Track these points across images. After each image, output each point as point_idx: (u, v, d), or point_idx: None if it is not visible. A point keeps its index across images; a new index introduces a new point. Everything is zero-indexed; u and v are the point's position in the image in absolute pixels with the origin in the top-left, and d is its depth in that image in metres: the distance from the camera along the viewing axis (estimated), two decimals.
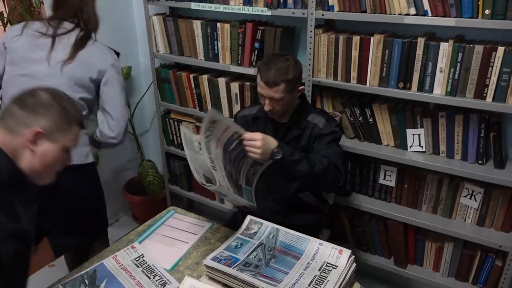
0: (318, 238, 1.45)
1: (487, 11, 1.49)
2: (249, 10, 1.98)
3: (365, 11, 1.73)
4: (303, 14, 1.84)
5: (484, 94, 1.60)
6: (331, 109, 2.02)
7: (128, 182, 2.93)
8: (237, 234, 1.49)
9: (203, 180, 1.46)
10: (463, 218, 1.87)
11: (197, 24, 2.19)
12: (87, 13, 1.72)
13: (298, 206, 1.80)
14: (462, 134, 1.74)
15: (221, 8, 2.06)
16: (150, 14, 2.36)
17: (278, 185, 1.75)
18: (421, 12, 1.62)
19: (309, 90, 1.95)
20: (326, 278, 1.27)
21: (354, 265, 1.36)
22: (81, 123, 1.18)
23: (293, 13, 1.87)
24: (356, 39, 1.78)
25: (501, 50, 1.52)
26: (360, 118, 1.94)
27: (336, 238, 2.19)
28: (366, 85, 1.83)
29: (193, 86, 2.36)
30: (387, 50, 1.73)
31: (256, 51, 2.07)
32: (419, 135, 1.84)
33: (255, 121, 1.78)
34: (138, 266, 1.43)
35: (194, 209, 3.02)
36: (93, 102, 1.75)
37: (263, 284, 1.23)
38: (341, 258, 1.35)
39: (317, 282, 1.26)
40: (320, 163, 1.54)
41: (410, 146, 1.87)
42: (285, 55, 1.61)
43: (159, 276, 1.38)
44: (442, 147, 1.81)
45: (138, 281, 1.36)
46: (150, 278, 1.37)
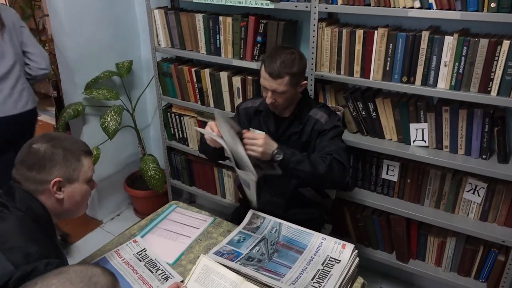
0: (320, 232, 1.45)
1: (493, 4, 1.47)
2: (251, 3, 1.96)
3: (369, 4, 1.71)
4: (306, 7, 1.82)
5: (488, 88, 1.59)
6: (334, 103, 2.01)
7: (129, 177, 2.92)
8: (239, 228, 1.49)
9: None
10: (466, 213, 1.86)
11: (199, 17, 2.17)
12: None
13: (300, 200, 1.79)
14: (466, 129, 1.72)
15: (223, 1, 2.04)
16: (152, 7, 2.34)
17: (279, 179, 1.74)
18: (425, 5, 1.60)
19: (311, 84, 1.94)
20: (329, 272, 1.27)
21: (357, 259, 1.35)
22: (87, 151, 1.23)
23: (296, 6, 1.85)
24: (359, 33, 1.77)
25: (506, 43, 1.51)
26: (363, 113, 1.93)
27: (338, 233, 2.18)
28: (369, 79, 1.81)
29: (195, 80, 2.35)
30: (391, 44, 1.71)
31: (258, 45, 2.05)
32: (423, 130, 1.83)
33: (257, 114, 1.77)
34: (140, 260, 1.43)
35: (196, 203, 3.02)
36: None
37: (266, 278, 1.22)
38: (344, 252, 1.35)
39: (320, 276, 1.25)
40: (322, 162, 1.52)
41: (413, 141, 1.86)
42: (290, 48, 1.60)
43: (162, 270, 1.38)
44: (446, 142, 1.80)
45: (141, 275, 1.36)
46: (152, 272, 1.37)
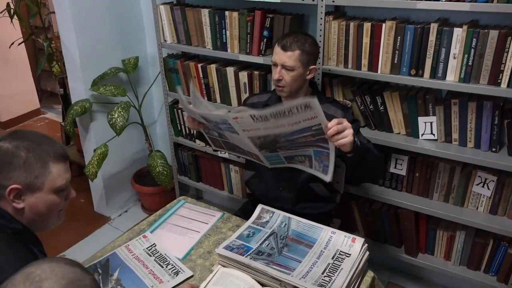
0: (328, 227, 1.44)
1: None
2: None
3: None
4: (313, 1, 1.81)
5: (498, 80, 1.57)
6: (342, 97, 2.00)
7: (136, 173, 2.93)
8: (248, 223, 1.49)
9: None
10: (476, 206, 1.85)
11: (204, 12, 2.17)
12: None
13: (309, 195, 1.79)
14: (475, 122, 1.71)
15: None
16: (157, 3, 2.34)
17: (288, 174, 1.74)
18: None
19: (319, 78, 1.93)
20: (340, 266, 1.26)
21: (367, 253, 1.35)
22: (58, 156, 1.03)
23: (302, 0, 1.84)
24: (367, 26, 1.75)
25: None
26: (370, 106, 1.92)
27: (346, 227, 2.18)
28: (377, 72, 1.80)
29: (201, 75, 2.34)
30: (399, 37, 1.70)
31: (265, 40, 2.04)
32: (431, 123, 1.82)
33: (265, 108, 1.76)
34: (150, 255, 1.43)
35: (203, 199, 3.02)
36: None
37: (277, 272, 1.22)
38: (354, 246, 1.34)
39: (330, 270, 1.25)
40: (377, 154, 1.54)
41: (422, 134, 1.85)
42: (306, 33, 1.64)
43: (172, 265, 1.39)
44: (455, 135, 1.79)
45: (151, 270, 1.36)
46: (162, 267, 1.38)
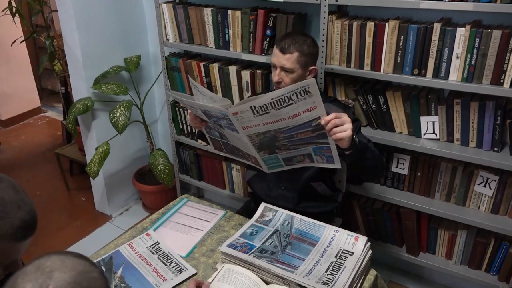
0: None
1: None
2: None
3: None
4: (316, 0, 1.81)
5: (501, 80, 1.58)
6: (344, 96, 2.00)
7: (138, 171, 2.93)
8: (251, 221, 1.49)
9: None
10: (477, 206, 1.86)
11: (207, 11, 2.17)
12: None
13: (311, 195, 1.79)
14: (478, 121, 1.72)
15: None
16: (160, 1, 2.34)
17: (289, 173, 1.74)
18: None
19: (321, 78, 1.94)
20: (343, 264, 1.27)
21: (370, 251, 1.35)
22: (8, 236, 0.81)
23: None
24: (370, 25, 1.76)
25: None
26: (373, 106, 1.93)
27: (348, 226, 2.18)
28: (380, 72, 1.80)
29: (203, 74, 2.35)
30: (402, 36, 1.70)
31: (267, 39, 2.05)
32: (433, 123, 1.82)
33: None
34: (153, 253, 1.43)
35: (204, 198, 3.03)
36: None
37: (280, 270, 1.23)
38: (357, 245, 1.35)
39: (334, 268, 1.25)
40: (376, 152, 1.53)
41: (424, 134, 1.86)
42: (305, 33, 1.64)
43: (175, 263, 1.39)
44: (457, 135, 1.79)
45: (155, 267, 1.37)
46: (166, 265, 1.38)
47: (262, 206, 1.55)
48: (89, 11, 2.40)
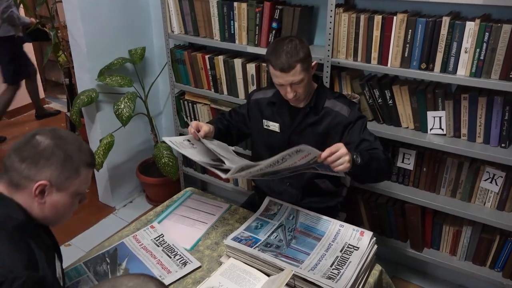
0: None
1: None
2: None
3: None
4: None
5: (510, 75, 1.56)
6: (350, 90, 1.99)
7: (141, 164, 2.93)
8: (256, 215, 1.49)
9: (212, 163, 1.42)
10: (483, 202, 1.84)
11: (213, 3, 2.15)
12: None
13: (315, 190, 1.78)
14: (485, 117, 1.70)
15: None
16: None
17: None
18: None
19: (328, 71, 1.92)
20: (348, 259, 1.27)
21: (376, 247, 1.35)
22: (90, 163, 1.09)
23: None
24: (378, 19, 1.74)
25: None
26: (379, 100, 1.91)
27: (351, 221, 2.12)
28: (387, 66, 1.78)
29: (208, 67, 2.33)
30: (410, 30, 1.68)
31: (273, 31, 2.03)
32: (440, 118, 1.81)
33: (270, 106, 1.73)
34: (158, 246, 1.43)
35: (208, 191, 3.02)
36: None
37: (285, 264, 1.22)
38: (362, 240, 1.34)
39: (339, 263, 1.25)
40: (382, 153, 1.50)
41: (431, 129, 1.84)
42: (287, 37, 1.56)
43: (180, 255, 1.39)
44: (464, 130, 1.77)
45: (159, 260, 1.37)
46: (170, 257, 1.38)
47: (267, 200, 1.54)
48: (93, 2, 2.38)
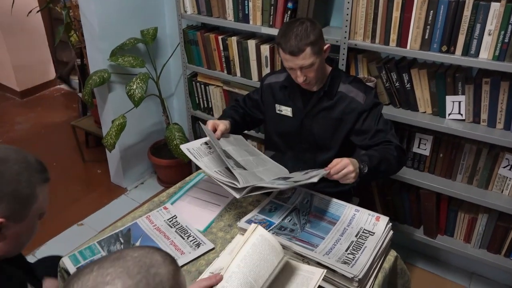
0: None
1: None
2: None
3: None
4: None
5: None
6: (366, 74, 1.94)
7: (153, 145, 2.93)
8: (270, 198, 1.48)
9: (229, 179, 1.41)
10: (500, 189, 1.81)
11: None
12: None
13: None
14: (507, 102, 1.65)
15: None
16: None
17: (307, 155, 1.71)
18: None
19: (344, 54, 1.87)
20: (363, 244, 1.25)
21: (391, 232, 1.33)
22: (45, 179, 0.94)
23: None
24: None
25: None
26: (396, 84, 1.86)
27: (364, 206, 2.13)
28: (406, 48, 1.73)
29: (221, 48, 2.29)
30: (432, 11, 1.62)
31: (289, 12, 1.98)
32: (459, 103, 1.76)
33: (282, 90, 1.70)
34: (171, 227, 1.43)
35: None
36: None
37: (300, 248, 1.21)
38: (378, 225, 1.32)
39: (354, 248, 1.23)
40: (392, 156, 1.50)
41: (449, 114, 1.80)
42: (298, 20, 1.51)
43: (193, 237, 1.38)
44: (484, 116, 1.73)
45: (172, 241, 1.36)
46: (184, 238, 1.37)
47: None
48: None
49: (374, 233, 1.29)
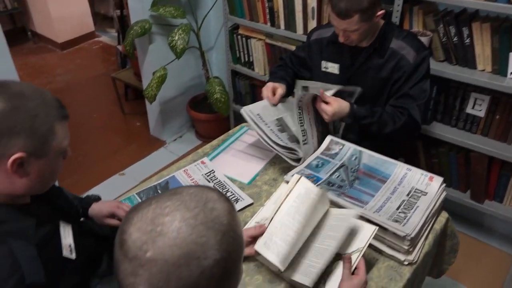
0: None
1: None
2: None
3: None
4: None
5: None
6: (422, 27, 1.81)
7: (192, 99, 2.92)
8: (317, 153, 1.44)
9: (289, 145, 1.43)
10: None
11: None
12: None
13: (372, 135, 1.69)
14: None
15: None
16: None
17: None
18: None
19: (399, 4, 1.75)
20: (415, 204, 1.20)
21: (445, 193, 1.28)
22: (63, 116, 0.92)
23: None
24: None
25: None
26: (454, 39, 1.74)
27: None
28: None
29: None
30: None
31: None
32: None
33: (330, 45, 1.61)
34: (209, 181, 1.42)
35: None
36: None
37: (349, 204, 1.18)
38: (431, 185, 1.27)
39: (405, 207, 1.19)
40: (392, 124, 1.49)
41: (511, 73, 1.67)
42: None
43: (231, 192, 1.37)
44: None
45: None
46: None
47: (328, 139, 1.48)
48: None
49: (427, 193, 1.24)
